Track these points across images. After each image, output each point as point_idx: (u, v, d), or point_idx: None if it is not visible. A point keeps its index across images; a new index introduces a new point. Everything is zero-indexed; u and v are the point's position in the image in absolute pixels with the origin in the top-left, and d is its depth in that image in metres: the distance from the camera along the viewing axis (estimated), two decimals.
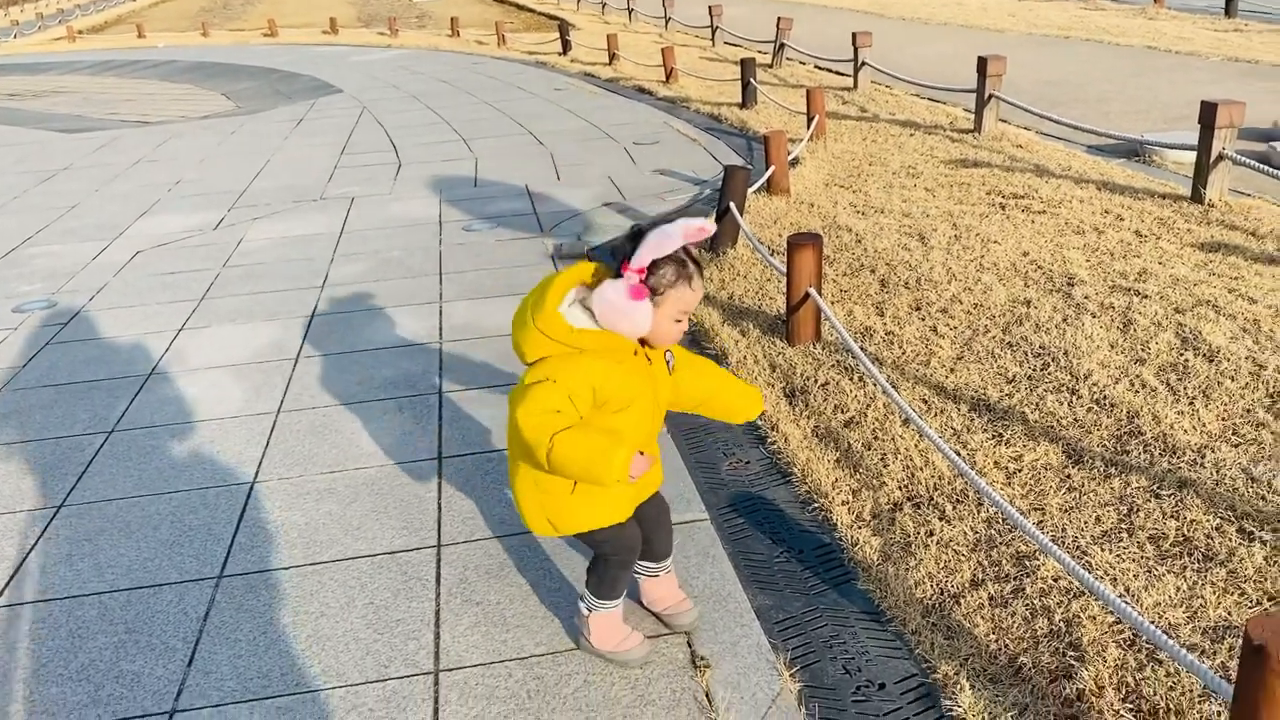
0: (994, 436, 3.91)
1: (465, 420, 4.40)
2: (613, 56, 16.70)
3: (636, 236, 2.38)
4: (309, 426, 4.44)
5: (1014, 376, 4.35)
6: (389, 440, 4.26)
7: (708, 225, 2.38)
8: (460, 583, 3.27)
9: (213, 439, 4.39)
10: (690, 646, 2.92)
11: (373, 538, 3.55)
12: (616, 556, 2.76)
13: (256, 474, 4.06)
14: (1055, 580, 3.06)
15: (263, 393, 4.82)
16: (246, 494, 3.91)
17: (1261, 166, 6.35)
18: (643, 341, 2.51)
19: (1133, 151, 8.43)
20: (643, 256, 2.34)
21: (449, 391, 4.69)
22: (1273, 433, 3.72)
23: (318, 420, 4.50)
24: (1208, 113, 6.51)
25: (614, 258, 2.43)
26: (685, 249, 2.41)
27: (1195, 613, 2.87)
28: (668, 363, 2.66)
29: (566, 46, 19.22)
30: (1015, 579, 3.10)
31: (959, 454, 3.78)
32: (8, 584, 3.44)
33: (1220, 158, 6.50)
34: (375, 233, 7.58)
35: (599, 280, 2.44)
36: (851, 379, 4.48)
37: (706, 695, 2.73)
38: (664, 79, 14.24)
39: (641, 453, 2.37)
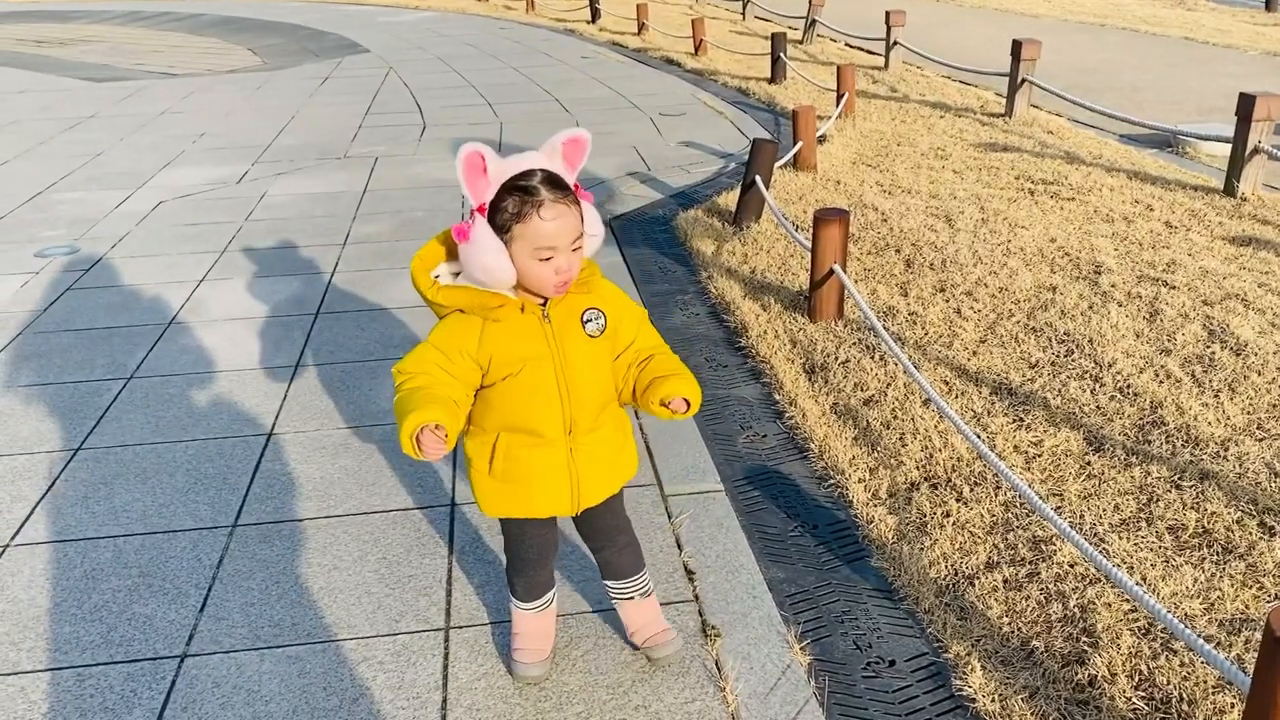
0: (1015, 421, 3.88)
1: None
2: (642, 26, 16.57)
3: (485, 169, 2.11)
4: (327, 381, 4.44)
5: (1037, 362, 4.31)
6: None
7: (580, 133, 2.14)
8: (473, 542, 3.27)
9: (231, 390, 4.40)
10: (701, 615, 2.91)
11: (387, 494, 3.55)
12: (511, 555, 2.58)
13: (273, 426, 4.06)
14: (1071, 566, 3.04)
15: (282, 347, 4.82)
16: (263, 445, 3.92)
17: None
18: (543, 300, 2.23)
19: (1166, 142, 8.33)
20: (473, 191, 2.08)
21: None
22: None
23: (336, 376, 4.49)
24: (1245, 105, 6.41)
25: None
26: (544, 174, 2.09)
27: (1212, 604, 2.85)
28: (586, 323, 2.28)
29: (595, 14, 19.07)
30: (1031, 563, 3.08)
31: (979, 436, 3.75)
32: (24, 523, 3.45)
33: (1255, 151, 6.41)
34: (398, 193, 7.55)
35: None
36: (873, 357, 4.45)
37: (716, 664, 2.72)
38: (693, 51, 14.12)
39: (439, 426, 2.06)
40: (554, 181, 2.11)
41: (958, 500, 3.40)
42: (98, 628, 2.93)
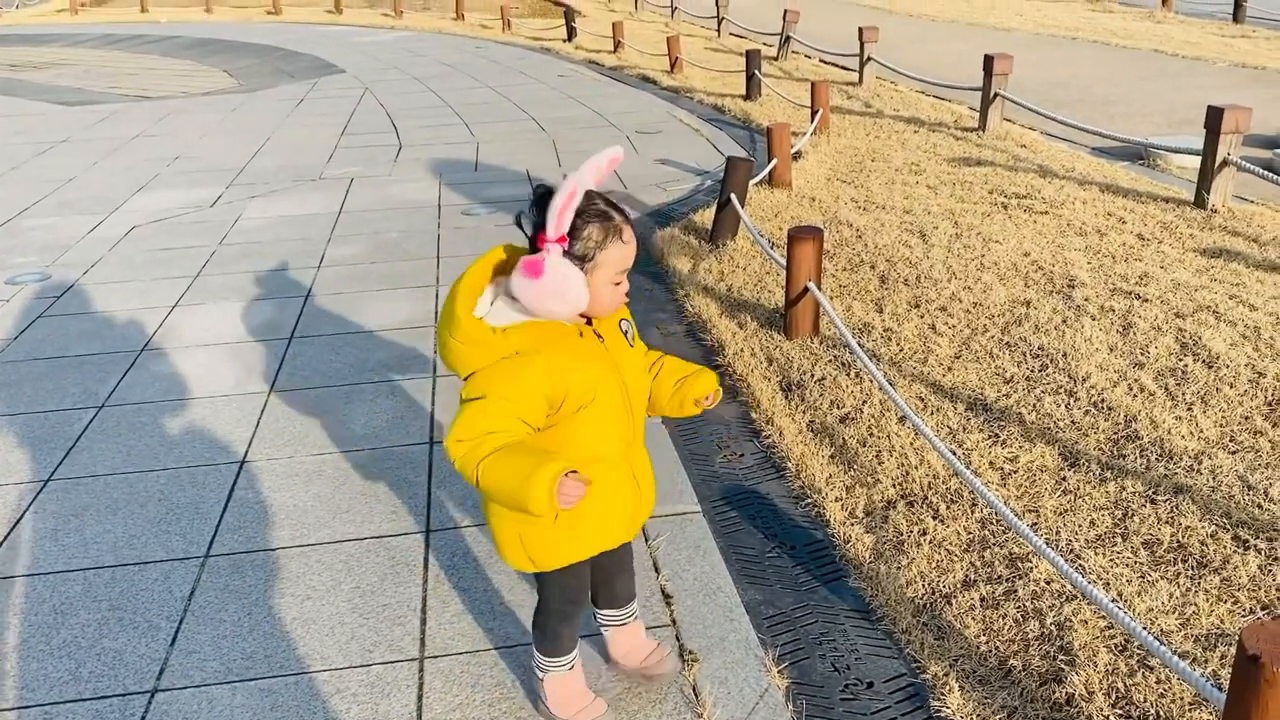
0: (990, 437, 3.88)
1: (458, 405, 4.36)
2: (617, 44, 16.62)
3: (543, 199, 2.03)
4: (301, 407, 4.41)
5: (1012, 377, 4.33)
6: (381, 424, 4.22)
7: (618, 152, 2.10)
8: (448, 569, 3.24)
9: (204, 417, 4.35)
10: (679, 640, 2.90)
11: (361, 521, 3.52)
12: (559, 607, 2.44)
13: (246, 453, 4.03)
14: (1048, 583, 3.04)
15: (255, 372, 4.79)
16: (236, 473, 3.88)
17: (1266, 173, 6.32)
18: (587, 320, 2.18)
19: (1137, 155, 8.40)
20: (558, 222, 2.00)
21: (443, 375, 4.66)
22: (1271, 441, 3.70)
23: (310, 401, 4.46)
24: (1213, 118, 6.47)
25: (523, 228, 2.11)
26: (603, 198, 2.09)
27: (1188, 620, 2.85)
28: (625, 334, 2.26)
29: (571, 33, 19.13)
30: (1008, 580, 3.08)
31: (954, 453, 3.75)
32: None
33: (1225, 163, 6.47)
34: (373, 214, 7.53)
35: (514, 262, 2.07)
36: (848, 374, 4.45)
37: (694, 689, 2.70)
38: (668, 68, 14.17)
39: (575, 471, 1.97)
40: (616, 204, 2.11)
41: (934, 518, 3.40)
42: (66, 664, 2.89)
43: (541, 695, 2.58)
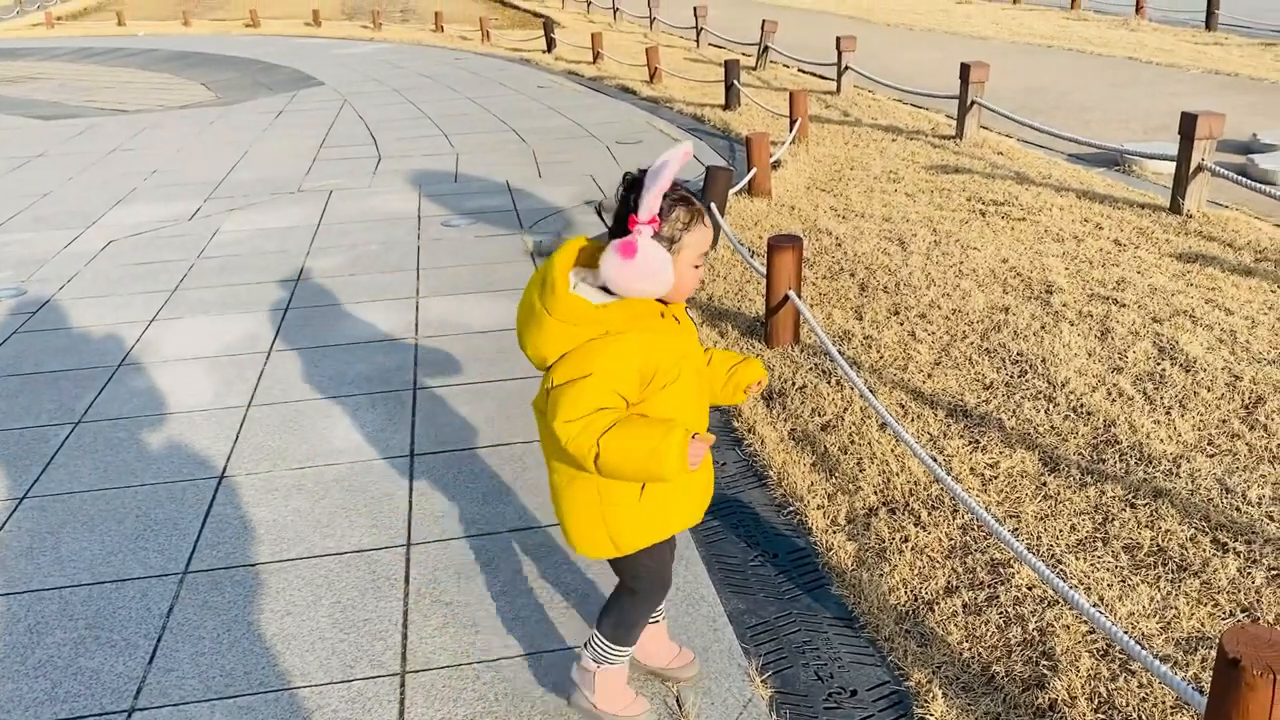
0: (970, 443, 3.89)
1: (439, 417, 4.35)
2: (597, 55, 16.65)
3: (634, 184, 2.08)
4: (280, 421, 4.38)
5: (991, 383, 4.34)
6: (361, 436, 4.20)
7: (689, 146, 2.14)
8: (430, 583, 3.22)
9: (181, 432, 4.32)
10: None
11: (341, 535, 3.50)
12: (648, 590, 2.46)
13: (225, 468, 3.99)
14: (1030, 589, 3.04)
15: (234, 386, 4.75)
16: (214, 488, 3.85)
17: (1239, 178, 6.38)
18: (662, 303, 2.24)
19: (1113, 161, 8.46)
20: (651, 203, 2.05)
21: (423, 388, 4.64)
22: (1248, 443, 3.73)
23: (289, 415, 4.43)
24: (1187, 124, 6.53)
25: (603, 214, 2.21)
26: (681, 186, 2.15)
27: (1169, 623, 2.86)
28: (690, 318, 2.38)
29: (551, 44, 19.16)
30: (989, 586, 3.08)
31: (935, 460, 3.76)
32: None
33: (1199, 169, 6.52)
34: (353, 226, 7.50)
35: (591, 255, 2.16)
36: (829, 382, 4.46)
37: (677, 700, 2.69)
38: (648, 79, 14.20)
39: (696, 434, 2.13)
40: (692, 192, 2.18)
41: (916, 525, 3.41)
42: (42, 684, 2.85)
43: (587, 689, 2.57)
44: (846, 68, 12.25)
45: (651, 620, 2.68)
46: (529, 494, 3.71)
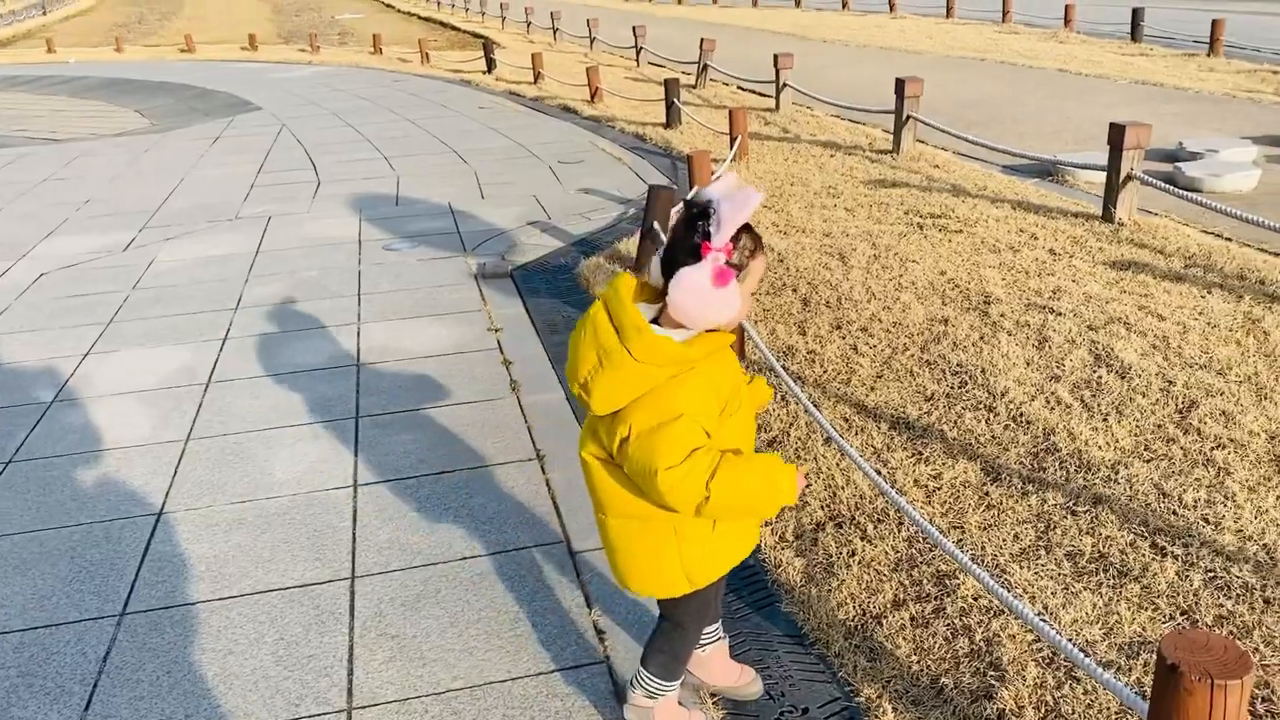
0: (914, 455, 3.93)
1: (382, 445, 4.29)
2: (538, 75, 16.66)
3: (703, 213, 2.03)
4: (219, 454, 4.30)
5: (932, 394, 4.39)
6: (303, 467, 4.13)
7: (760, 197, 2.11)
8: (375, 616, 3.17)
9: (118, 469, 4.22)
10: (612, 676, 2.87)
11: (284, 570, 3.43)
12: (695, 624, 2.49)
13: (163, 505, 3.91)
14: (975, 599, 3.07)
15: (172, 420, 4.66)
16: (152, 526, 3.76)
17: (1167, 187, 6.53)
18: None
19: (1046, 171, 8.63)
20: (727, 231, 2.01)
21: (366, 416, 4.58)
22: (1183, 448, 3.80)
23: (228, 448, 4.35)
24: (1116, 135, 6.68)
25: (653, 240, 2.14)
26: None
27: (1111, 629, 2.90)
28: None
29: (491, 65, 19.14)
30: (936, 598, 3.10)
31: (879, 473, 3.79)
32: None
33: (1129, 178, 6.67)
34: (292, 253, 7.41)
35: (645, 289, 2.13)
36: (774, 398, 4.48)
37: None
38: (589, 98, 14.24)
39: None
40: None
41: (862, 539, 3.42)
42: None
43: None
44: (785, 85, 12.38)
45: (714, 639, 2.72)
46: (475, 521, 3.68)
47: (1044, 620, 2.91)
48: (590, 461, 2.25)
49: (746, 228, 2.09)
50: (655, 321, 2.09)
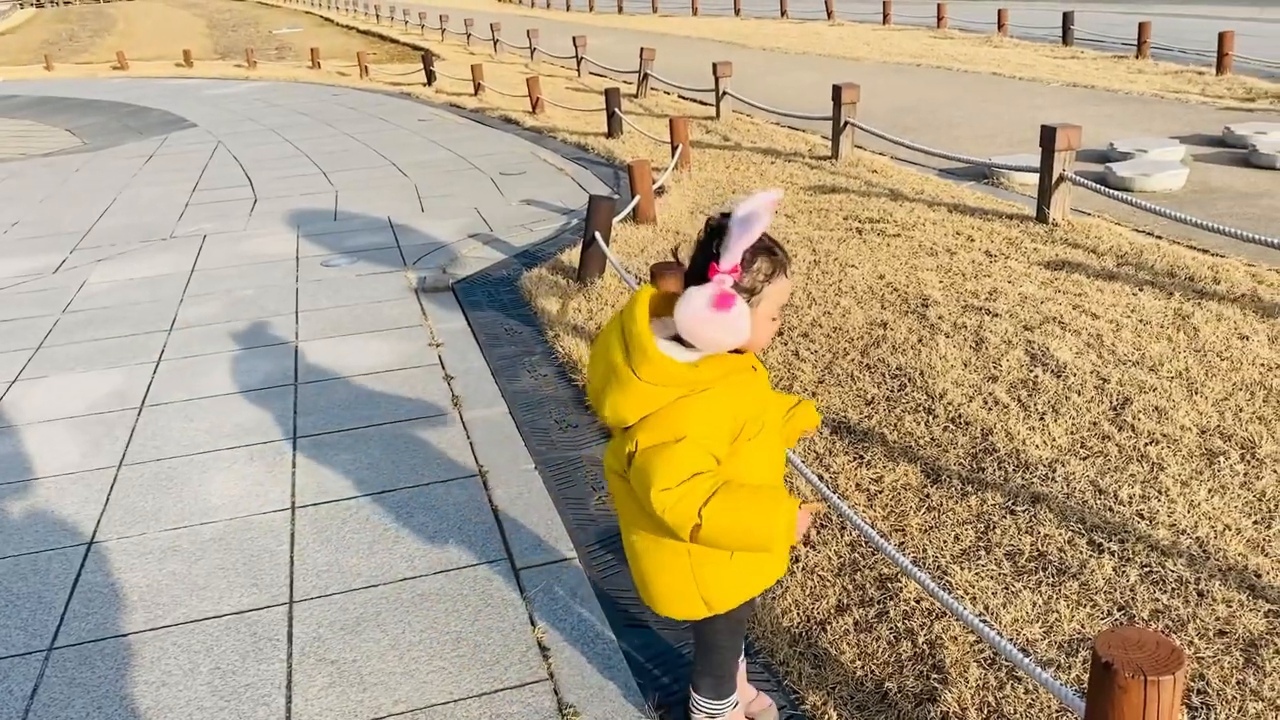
0: (855, 459, 3.95)
1: (321, 466, 4.22)
2: (478, 87, 16.59)
3: (719, 230, 1.99)
4: (152, 480, 4.20)
5: (873, 398, 4.42)
6: (239, 491, 4.05)
7: (779, 194, 2.05)
8: (314, 641, 3.11)
9: (46, 498, 4.10)
10: (557, 694, 2.83)
11: (219, 597, 3.36)
12: (732, 642, 2.45)
13: (94, 534, 3.80)
14: (918, 601, 3.08)
15: (103, 446, 4.54)
16: (83, 556, 3.66)
17: (1099, 187, 6.65)
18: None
19: (981, 174, 8.76)
20: (736, 252, 1.96)
21: (304, 436, 4.50)
22: (1118, 444, 3.86)
23: (162, 473, 4.25)
24: (1047, 137, 6.79)
25: (678, 259, 2.10)
26: (766, 234, 2.03)
27: (1051, 627, 2.93)
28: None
29: (431, 77, 19.03)
30: (879, 602, 3.11)
31: (821, 478, 3.80)
32: None
33: (1061, 179, 6.79)
34: (228, 271, 7.28)
35: (659, 303, 2.08)
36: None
37: None
38: (530, 109, 14.20)
39: (801, 504, 2.08)
40: (777, 241, 2.10)
41: (805, 544, 3.43)
42: None
43: None
44: (724, 93, 12.45)
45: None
46: (415, 541, 3.62)
47: (984, 621, 2.93)
48: (611, 477, 2.24)
49: (767, 250, 2.05)
50: (677, 337, 2.05)
